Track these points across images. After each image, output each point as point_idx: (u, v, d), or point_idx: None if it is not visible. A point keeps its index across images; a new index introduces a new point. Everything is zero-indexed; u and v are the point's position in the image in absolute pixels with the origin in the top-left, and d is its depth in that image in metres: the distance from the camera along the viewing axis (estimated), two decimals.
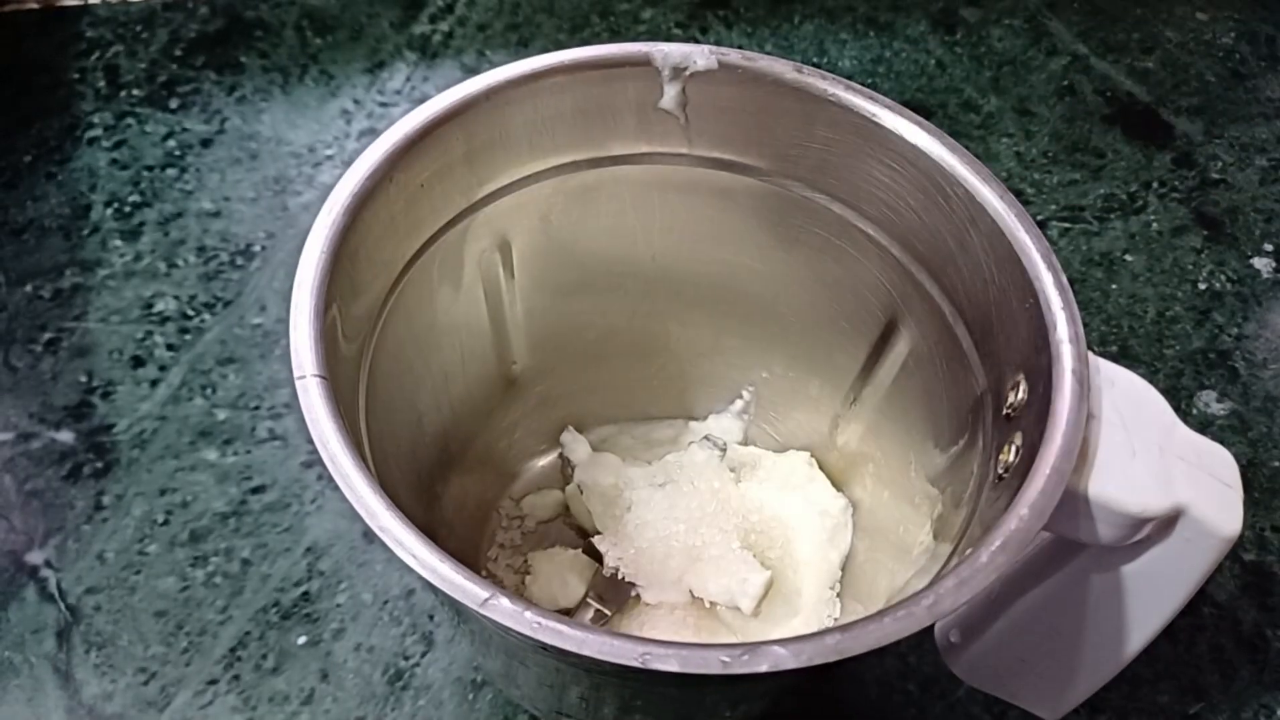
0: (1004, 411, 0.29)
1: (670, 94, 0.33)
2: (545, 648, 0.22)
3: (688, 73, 0.33)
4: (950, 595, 0.23)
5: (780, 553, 0.40)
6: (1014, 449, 0.28)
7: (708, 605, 0.38)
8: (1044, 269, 0.28)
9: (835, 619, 0.39)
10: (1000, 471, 0.28)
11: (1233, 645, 0.43)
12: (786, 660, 0.22)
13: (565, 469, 0.42)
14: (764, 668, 0.22)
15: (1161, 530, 0.28)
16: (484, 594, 0.22)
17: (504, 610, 0.22)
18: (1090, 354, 0.28)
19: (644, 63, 0.33)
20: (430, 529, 0.37)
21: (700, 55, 0.33)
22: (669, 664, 0.21)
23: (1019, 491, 0.25)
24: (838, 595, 0.40)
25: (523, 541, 0.41)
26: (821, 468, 0.42)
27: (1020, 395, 0.29)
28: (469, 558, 0.40)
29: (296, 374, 0.25)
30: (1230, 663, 0.42)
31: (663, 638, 0.37)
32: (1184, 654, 0.42)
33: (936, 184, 0.31)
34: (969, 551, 0.24)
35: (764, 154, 0.35)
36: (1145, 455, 0.27)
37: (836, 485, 0.41)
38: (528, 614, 0.22)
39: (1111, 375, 0.28)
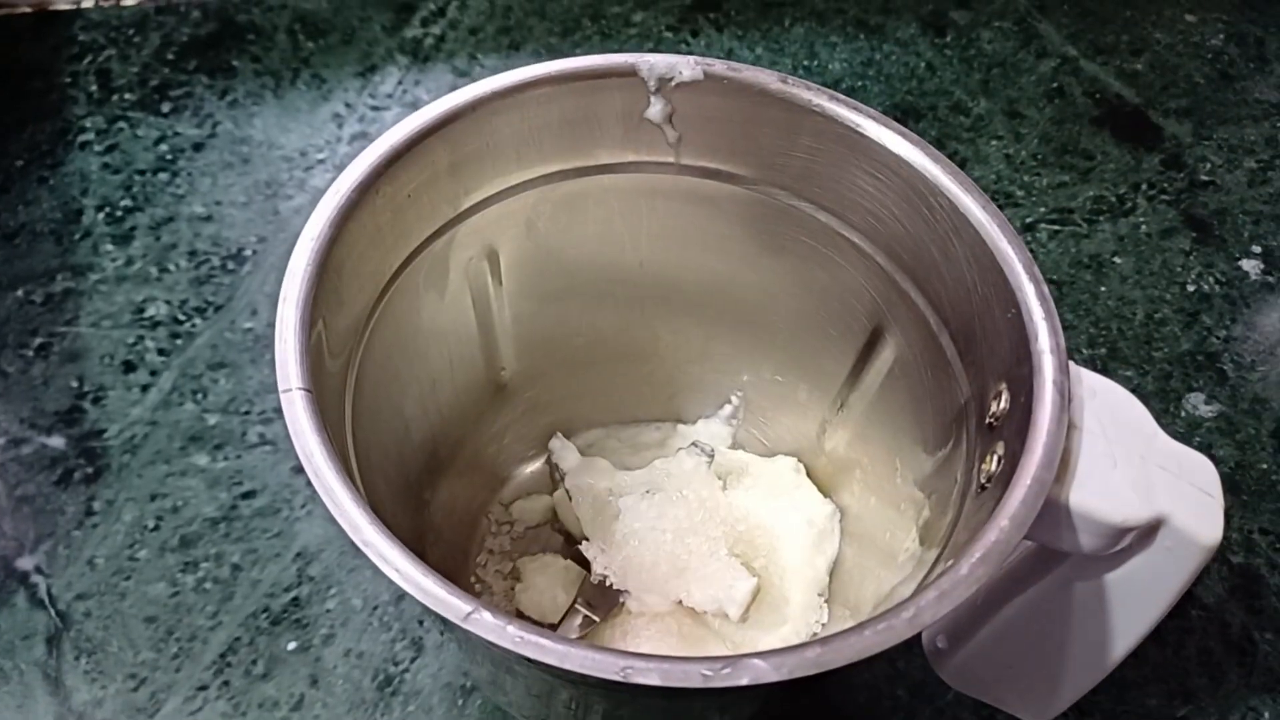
0: (987, 420, 0.30)
1: (656, 104, 0.33)
2: (529, 660, 0.22)
3: (673, 83, 0.33)
4: (931, 607, 0.23)
5: (767, 560, 0.40)
6: (996, 458, 0.28)
7: (697, 612, 0.38)
8: (1026, 279, 0.29)
9: (823, 624, 0.39)
10: (983, 481, 0.29)
11: (1221, 648, 0.43)
12: (767, 674, 0.22)
13: (554, 474, 0.43)
14: (744, 681, 0.22)
15: (1143, 539, 0.28)
16: (466, 608, 0.22)
17: (486, 625, 0.22)
18: (1072, 364, 0.28)
19: (630, 73, 0.33)
20: (419, 535, 0.37)
21: (686, 66, 0.33)
22: (650, 678, 0.22)
23: (1000, 502, 0.25)
24: (825, 601, 0.40)
25: (512, 547, 0.42)
26: (809, 473, 0.42)
27: (1002, 405, 0.29)
28: (458, 563, 0.40)
29: (282, 387, 0.26)
30: (1218, 665, 0.42)
31: (650, 645, 0.37)
32: (1172, 657, 0.43)
33: (920, 193, 0.32)
34: (950, 563, 0.25)
35: (749, 163, 0.35)
36: (1126, 465, 0.27)
37: (824, 491, 0.41)
38: (510, 628, 0.22)
39: (1093, 385, 0.28)
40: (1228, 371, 0.51)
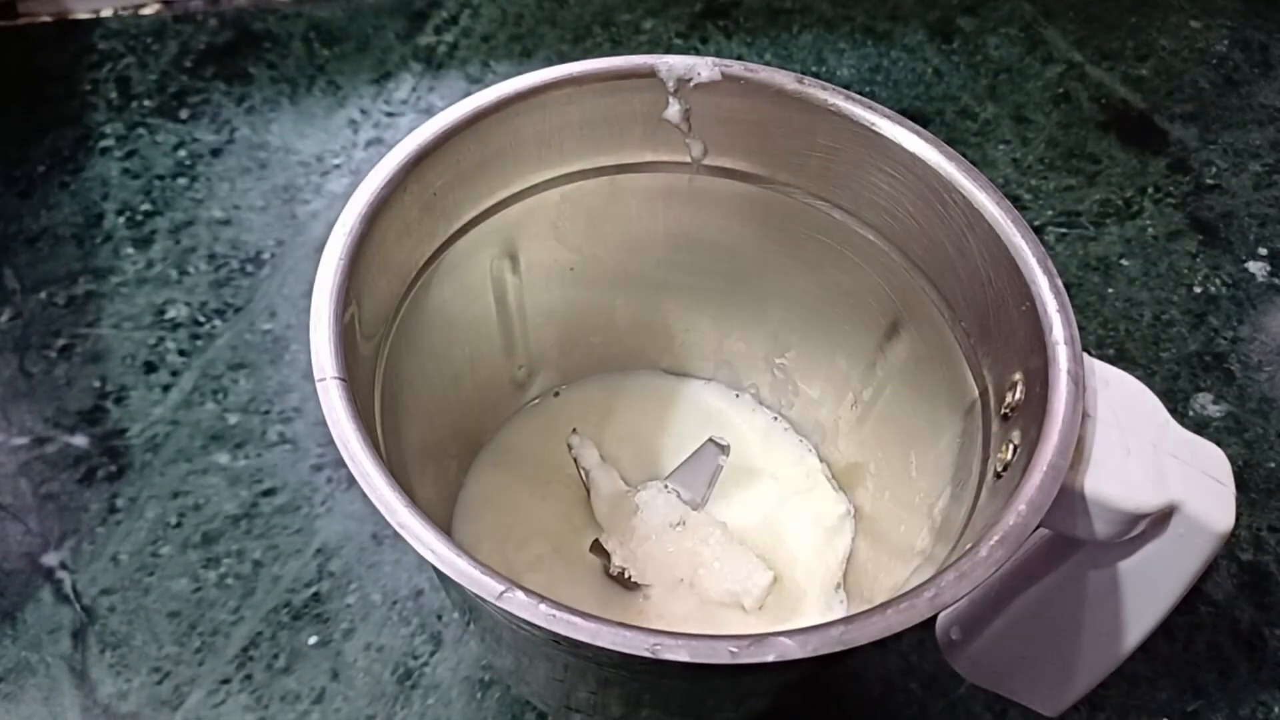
0: (1002, 411, 0.30)
1: (674, 105, 0.34)
2: (558, 640, 0.23)
3: (691, 84, 0.34)
4: (951, 588, 0.24)
5: (780, 556, 0.40)
6: (1011, 448, 0.29)
7: (715, 604, 0.39)
8: (1040, 273, 0.29)
9: (840, 616, 0.40)
10: (998, 470, 0.29)
11: (1230, 644, 0.43)
12: (793, 650, 0.22)
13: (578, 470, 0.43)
14: (771, 657, 0.22)
15: (1156, 526, 0.29)
16: (500, 587, 0.23)
17: (519, 603, 0.23)
18: (1085, 355, 0.29)
19: (649, 74, 0.34)
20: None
21: (704, 67, 0.33)
22: (679, 654, 0.22)
23: (1017, 489, 0.26)
24: (842, 598, 0.40)
25: None
26: (823, 469, 0.42)
27: (1018, 395, 0.29)
28: None
29: (317, 376, 0.26)
30: (1228, 661, 0.43)
31: None
32: (1182, 652, 0.43)
33: (935, 191, 0.32)
34: (969, 547, 0.25)
35: (766, 163, 0.35)
36: (1139, 453, 0.28)
37: (838, 486, 0.42)
38: (542, 606, 0.23)
39: (1106, 376, 0.29)
40: (1235, 372, 0.51)
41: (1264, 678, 0.43)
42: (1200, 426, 0.49)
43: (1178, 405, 0.50)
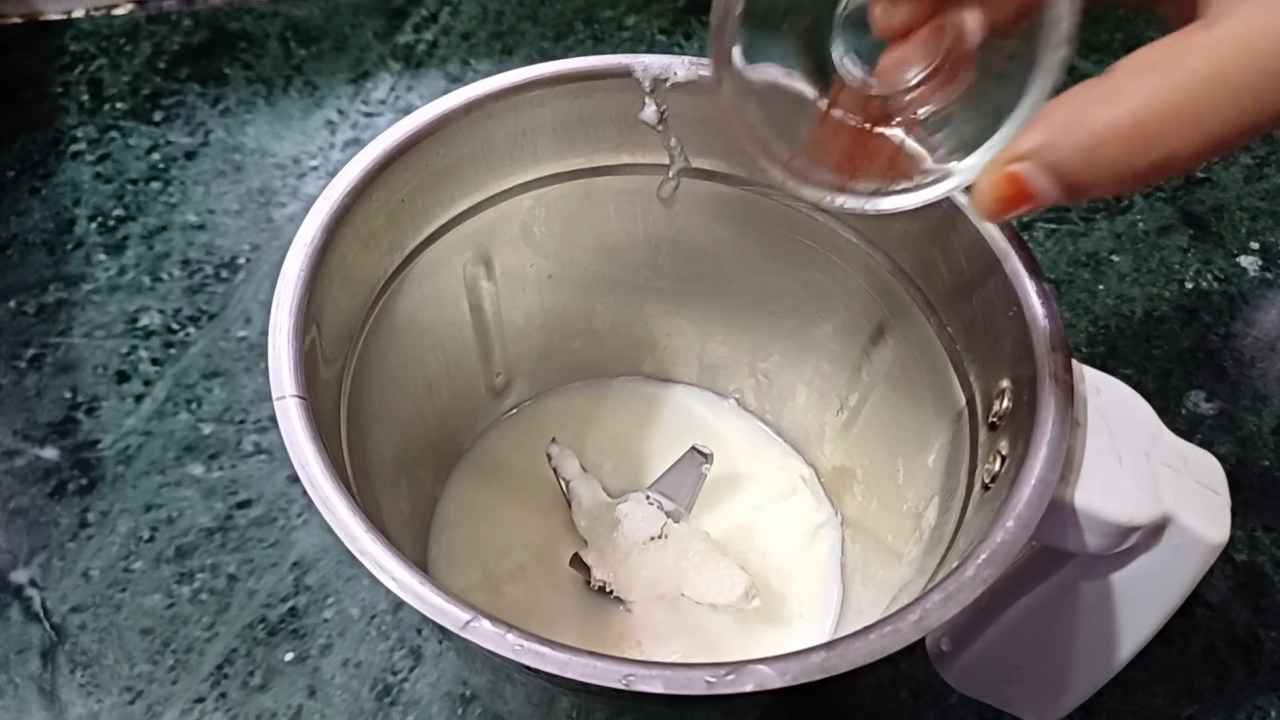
0: (989, 420, 0.29)
1: (651, 105, 0.33)
2: (528, 669, 0.22)
3: (668, 84, 0.33)
4: (937, 610, 0.23)
5: (766, 564, 0.39)
6: (1000, 458, 0.28)
7: (699, 615, 0.38)
8: (1026, 277, 0.28)
9: (827, 626, 0.39)
10: (986, 481, 0.28)
11: (1226, 646, 0.43)
12: (772, 680, 0.22)
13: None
14: (749, 687, 0.21)
15: (1149, 538, 0.28)
16: (465, 616, 0.22)
17: (485, 633, 0.22)
18: (1075, 361, 0.28)
19: (624, 74, 0.33)
20: (424, 538, 0.36)
21: (680, 66, 0.32)
22: (653, 685, 0.21)
23: (1005, 503, 0.25)
24: (827, 605, 0.40)
25: None
26: (809, 476, 0.42)
27: (1005, 404, 0.29)
28: None
29: (275, 395, 0.25)
30: (1224, 664, 0.42)
31: (653, 644, 0.37)
32: (1177, 656, 0.42)
33: None
34: (956, 565, 0.24)
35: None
36: (1132, 463, 0.27)
37: (824, 493, 0.41)
38: (509, 636, 0.22)
39: (1096, 382, 0.28)
40: (1228, 368, 0.51)
41: (1260, 681, 0.42)
42: (1193, 424, 0.49)
43: (1170, 403, 0.49)
